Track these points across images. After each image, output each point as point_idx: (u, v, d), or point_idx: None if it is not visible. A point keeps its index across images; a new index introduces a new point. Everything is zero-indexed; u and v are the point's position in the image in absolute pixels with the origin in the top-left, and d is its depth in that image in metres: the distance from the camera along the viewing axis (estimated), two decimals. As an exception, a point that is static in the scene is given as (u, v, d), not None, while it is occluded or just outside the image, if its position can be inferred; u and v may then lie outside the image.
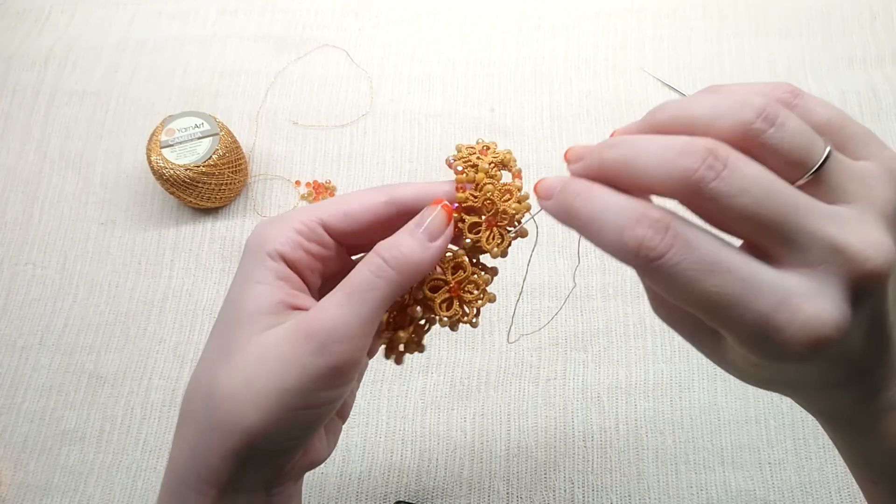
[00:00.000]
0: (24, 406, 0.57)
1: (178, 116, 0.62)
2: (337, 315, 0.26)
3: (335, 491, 0.52)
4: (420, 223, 0.29)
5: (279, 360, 0.26)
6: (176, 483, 0.28)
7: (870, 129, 0.25)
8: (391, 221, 0.30)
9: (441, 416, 0.55)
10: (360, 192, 0.31)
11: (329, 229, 0.30)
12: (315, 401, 0.26)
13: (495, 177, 0.30)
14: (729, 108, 0.23)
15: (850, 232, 0.22)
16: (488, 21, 0.75)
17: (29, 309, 0.61)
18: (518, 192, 0.31)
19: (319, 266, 0.30)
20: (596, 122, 0.68)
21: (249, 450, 0.26)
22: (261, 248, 0.29)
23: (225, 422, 0.26)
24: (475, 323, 0.31)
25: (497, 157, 0.31)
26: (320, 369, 0.26)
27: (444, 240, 0.29)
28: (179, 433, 0.28)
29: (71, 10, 0.79)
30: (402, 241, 0.28)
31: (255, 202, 0.65)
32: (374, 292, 0.27)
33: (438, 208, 0.29)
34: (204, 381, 0.27)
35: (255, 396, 0.25)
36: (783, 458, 0.52)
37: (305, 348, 0.26)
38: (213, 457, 0.26)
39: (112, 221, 0.65)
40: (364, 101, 0.71)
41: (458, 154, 0.31)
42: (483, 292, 0.31)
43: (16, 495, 0.53)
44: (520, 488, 0.52)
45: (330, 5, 0.77)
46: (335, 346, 0.26)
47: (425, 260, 0.28)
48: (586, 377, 0.56)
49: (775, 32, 0.72)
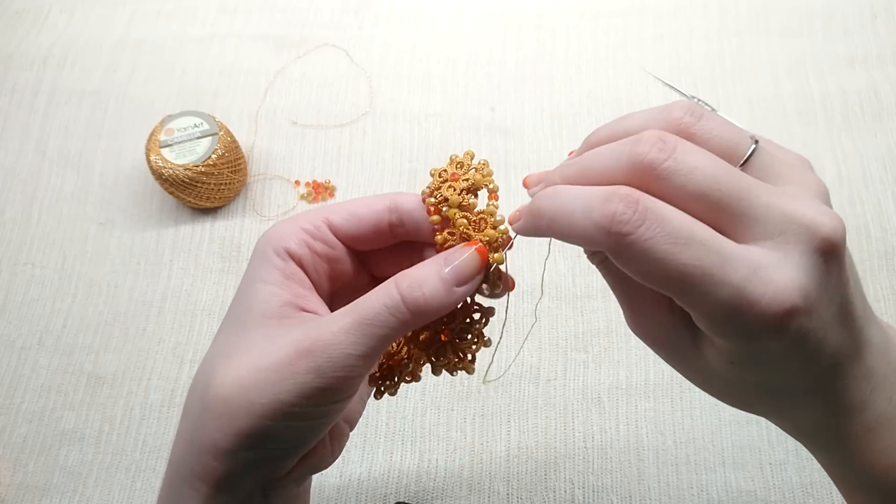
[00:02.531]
0: (23, 406, 0.57)
1: (177, 116, 0.62)
2: (341, 342, 0.25)
3: (335, 492, 0.52)
4: (449, 262, 0.27)
5: (276, 372, 0.25)
6: (173, 476, 0.28)
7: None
8: (393, 228, 0.30)
9: (441, 417, 0.55)
10: (366, 197, 0.31)
11: (335, 229, 0.30)
12: (309, 414, 0.26)
13: (469, 206, 0.29)
14: (660, 111, 0.25)
15: (800, 204, 0.23)
16: (488, 20, 0.75)
17: (28, 309, 0.61)
18: (492, 217, 0.29)
19: (326, 267, 0.30)
20: (596, 121, 0.68)
21: (242, 452, 0.26)
22: (268, 247, 0.29)
23: (218, 423, 0.26)
24: (472, 370, 0.29)
25: (468, 183, 0.29)
26: (314, 389, 0.25)
27: (471, 286, 0.27)
28: (180, 429, 0.28)
29: (70, 10, 0.78)
30: (426, 281, 0.26)
31: (254, 202, 0.65)
32: (383, 329, 0.25)
33: (472, 251, 0.27)
34: (202, 380, 0.27)
35: (248, 403, 0.25)
36: (784, 459, 0.52)
37: (302, 366, 0.25)
38: (205, 455, 0.26)
39: (111, 221, 0.65)
40: (364, 101, 0.70)
41: (431, 184, 0.30)
42: (478, 336, 0.29)
43: (15, 495, 0.53)
44: (520, 489, 0.52)
45: (329, 4, 0.77)
46: (331, 372, 0.25)
47: (447, 306, 0.27)
48: (587, 378, 0.55)
49: (776, 31, 0.72)
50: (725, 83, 0.69)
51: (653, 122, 0.25)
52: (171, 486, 0.28)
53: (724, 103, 0.68)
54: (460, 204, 0.29)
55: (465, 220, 0.28)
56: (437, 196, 0.29)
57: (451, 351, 0.29)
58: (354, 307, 0.26)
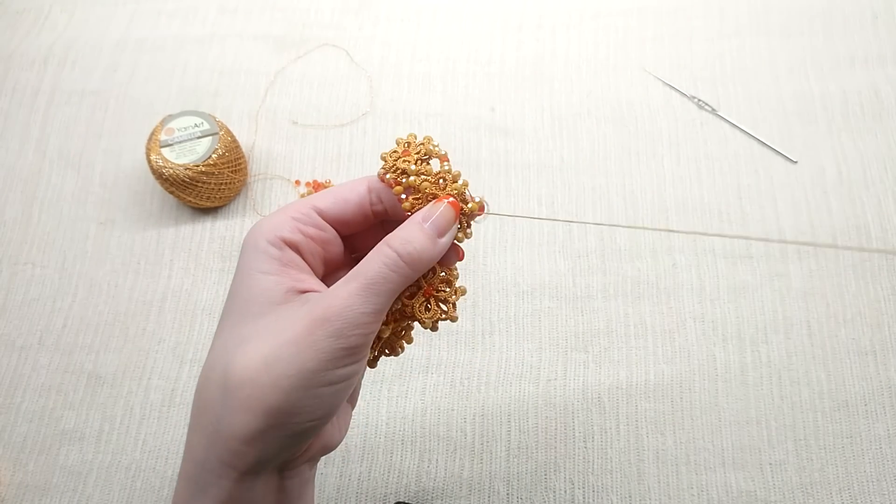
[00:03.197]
0: (23, 406, 0.57)
1: (177, 116, 0.62)
2: (354, 304, 0.27)
3: (335, 492, 0.52)
4: (427, 217, 0.30)
5: (296, 343, 0.27)
6: (196, 471, 0.28)
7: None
8: (374, 208, 0.32)
9: (441, 417, 0.55)
10: (347, 182, 0.33)
11: (323, 214, 0.31)
12: (333, 377, 0.27)
13: (427, 171, 0.31)
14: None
15: None
16: (488, 20, 0.75)
17: (28, 308, 0.61)
18: (450, 174, 0.32)
19: (320, 250, 0.32)
20: (596, 121, 0.68)
21: (273, 430, 0.27)
22: (261, 239, 0.29)
23: (246, 405, 0.26)
24: (455, 317, 0.32)
25: (420, 153, 0.32)
26: (336, 350, 0.27)
27: (449, 236, 0.31)
28: (195, 424, 0.29)
29: (70, 10, 0.78)
30: (413, 237, 0.29)
31: (254, 202, 0.65)
32: (388, 285, 0.28)
33: (445, 205, 0.31)
34: (218, 369, 0.28)
35: (274, 378, 0.26)
36: (784, 459, 0.52)
37: (322, 332, 0.27)
38: (233, 441, 0.27)
39: (111, 221, 0.65)
40: (364, 101, 0.70)
41: (385, 165, 0.32)
42: (455, 289, 0.32)
43: (15, 495, 0.53)
44: (520, 489, 0.52)
45: (330, 4, 0.77)
46: (350, 331, 0.27)
47: (434, 256, 0.30)
48: (587, 378, 0.55)
49: (776, 32, 0.72)
50: (725, 83, 0.69)
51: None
52: (195, 483, 0.28)
53: (724, 103, 0.68)
54: (418, 171, 0.31)
55: (427, 182, 0.31)
56: (395, 171, 0.32)
57: (435, 303, 0.32)
58: (356, 273, 0.28)
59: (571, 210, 0.63)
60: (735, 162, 0.64)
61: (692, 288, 0.59)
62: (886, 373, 0.55)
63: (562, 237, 0.62)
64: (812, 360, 0.56)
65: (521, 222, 0.62)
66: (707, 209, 0.62)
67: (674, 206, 0.63)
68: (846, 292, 0.58)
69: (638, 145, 0.66)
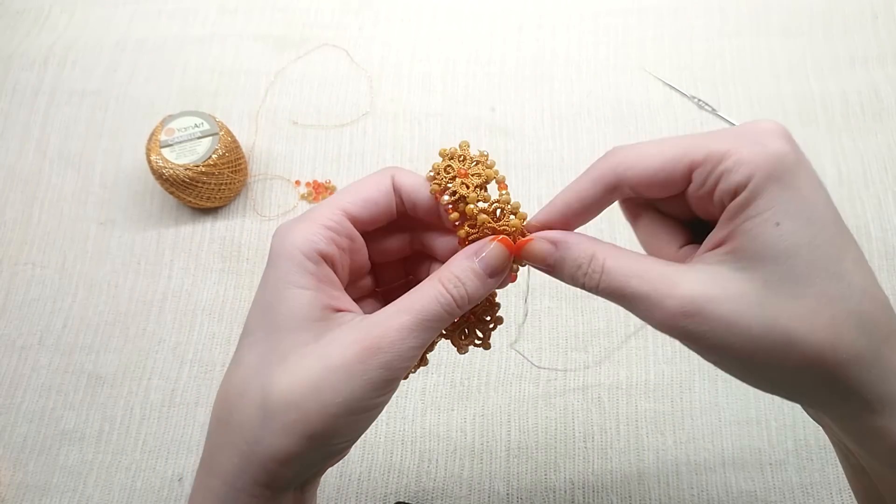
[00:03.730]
0: (23, 406, 0.57)
1: (177, 116, 0.62)
2: (405, 338, 0.28)
3: (335, 491, 0.52)
4: (480, 254, 0.29)
5: (346, 370, 0.27)
6: (225, 490, 0.28)
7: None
8: (399, 206, 0.31)
9: (441, 417, 0.55)
10: (370, 178, 0.31)
11: (353, 220, 0.30)
12: (373, 405, 0.28)
13: (486, 199, 0.30)
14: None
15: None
16: (489, 20, 0.75)
17: (28, 309, 0.61)
18: (508, 205, 0.30)
19: (348, 261, 0.31)
20: (597, 121, 0.68)
21: (310, 453, 0.27)
22: (295, 249, 0.28)
23: (291, 429, 0.26)
24: (489, 346, 0.32)
25: (479, 179, 0.30)
26: (384, 381, 0.27)
27: (500, 277, 0.30)
28: (224, 442, 0.28)
29: (70, 10, 0.78)
30: (466, 278, 0.29)
31: (254, 202, 0.65)
32: (438, 323, 0.28)
33: (499, 245, 0.30)
34: (255, 387, 0.27)
35: (322, 404, 0.26)
36: (784, 459, 0.52)
37: (373, 363, 0.27)
38: (272, 462, 0.27)
39: (111, 221, 0.65)
40: (364, 101, 0.70)
41: (437, 177, 0.30)
42: (494, 318, 0.32)
43: (15, 495, 0.53)
44: (520, 489, 0.52)
45: (330, 4, 0.77)
46: (399, 364, 0.27)
47: (483, 295, 0.30)
48: (587, 378, 0.55)
49: (776, 32, 0.72)
50: (725, 83, 0.69)
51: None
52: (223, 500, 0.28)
53: (724, 103, 0.68)
54: (477, 199, 0.30)
55: (485, 214, 0.30)
56: (450, 193, 0.30)
57: (472, 331, 0.32)
58: (410, 306, 0.28)
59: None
60: (735, 162, 0.64)
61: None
62: (886, 373, 0.55)
63: (562, 237, 0.62)
64: (812, 360, 0.56)
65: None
66: (707, 209, 0.62)
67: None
68: (846, 292, 0.58)
69: (638, 145, 0.66)
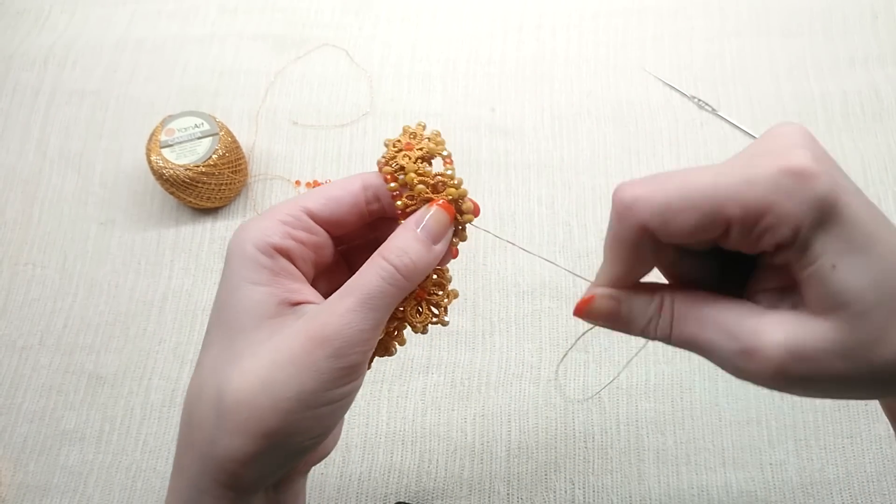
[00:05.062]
0: (23, 406, 0.57)
1: (177, 116, 0.62)
2: (353, 322, 0.26)
3: (335, 492, 0.52)
4: (420, 222, 0.29)
5: (294, 364, 0.26)
6: (189, 492, 0.27)
7: None
8: (369, 206, 0.31)
9: (441, 417, 0.55)
10: (338, 180, 0.31)
11: (314, 216, 0.30)
12: (333, 397, 0.27)
13: (425, 173, 0.30)
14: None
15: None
16: (489, 20, 0.75)
17: (28, 309, 0.61)
18: (451, 179, 0.30)
19: (312, 255, 0.30)
20: (597, 121, 0.68)
21: (270, 451, 0.26)
22: (249, 246, 0.28)
23: (244, 428, 0.26)
24: (446, 322, 0.31)
25: (422, 151, 0.30)
26: (336, 371, 0.26)
27: (445, 242, 0.29)
28: (186, 443, 0.28)
29: (71, 10, 0.78)
30: (409, 247, 0.28)
31: (254, 202, 0.65)
32: (386, 299, 0.27)
33: (437, 208, 0.29)
34: (211, 387, 0.27)
35: (273, 400, 0.25)
36: (784, 459, 0.52)
37: (321, 353, 0.26)
38: (230, 463, 0.26)
39: (112, 221, 0.65)
40: (364, 101, 0.70)
41: (386, 154, 0.31)
42: (447, 292, 0.31)
43: (15, 495, 0.53)
44: (520, 489, 0.52)
45: (330, 4, 0.77)
46: (349, 350, 0.26)
47: (431, 264, 0.29)
48: (587, 378, 0.56)
49: (776, 32, 0.72)
50: (725, 83, 0.69)
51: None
52: (187, 501, 0.27)
53: (724, 103, 0.68)
54: (416, 171, 0.30)
55: (423, 184, 0.30)
56: (392, 164, 0.30)
57: (427, 307, 0.31)
58: (352, 287, 0.27)
59: (571, 210, 0.63)
60: (735, 162, 0.64)
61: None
62: (886, 373, 0.55)
63: (562, 237, 0.62)
64: (812, 360, 0.56)
65: (521, 222, 0.62)
66: (707, 209, 0.62)
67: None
68: (846, 292, 0.58)
69: (638, 145, 0.66)
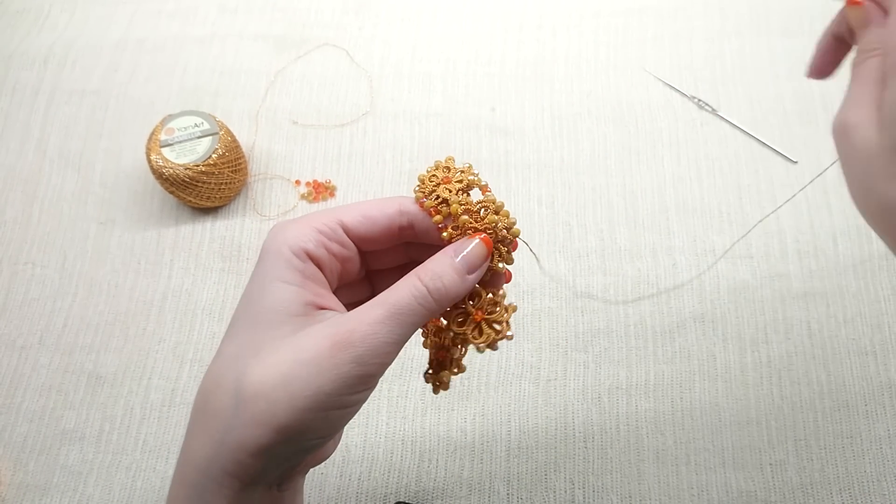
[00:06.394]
0: (23, 406, 0.57)
1: (177, 115, 0.62)
2: (378, 332, 0.27)
3: (335, 491, 0.52)
4: (459, 252, 0.30)
5: (317, 364, 0.27)
6: (197, 477, 0.28)
7: None
8: (402, 230, 0.32)
9: (441, 417, 0.55)
10: (376, 200, 0.32)
11: (348, 231, 0.31)
12: (346, 402, 0.28)
13: (468, 203, 0.31)
14: None
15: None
16: (489, 20, 0.75)
17: (28, 308, 0.61)
18: (493, 203, 0.31)
19: (339, 267, 0.31)
20: (597, 121, 0.68)
21: (280, 447, 0.27)
22: (285, 247, 0.29)
23: (259, 419, 0.26)
24: (510, 336, 0.32)
25: (461, 183, 0.32)
26: (355, 377, 0.27)
27: (479, 274, 0.31)
28: (199, 430, 0.28)
29: (70, 10, 0.78)
30: (444, 273, 0.29)
31: (254, 202, 0.65)
32: (414, 317, 0.28)
33: (477, 241, 0.30)
34: (230, 377, 0.28)
35: (290, 396, 0.26)
36: (784, 459, 0.52)
37: (344, 356, 0.27)
38: (241, 452, 0.27)
39: (111, 221, 0.65)
40: (364, 101, 0.70)
41: (422, 186, 0.32)
42: (505, 307, 0.32)
43: (15, 495, 0.53)
44: (520, 489, 0.52)
45: (330, 4, 0.77)
46: (371, 359, 0.27)
47: (461, 293, 0.30)
48: (587, 378, 0.56)
49: (776, 31, 0.72)
50: (725, 83, 0.69)
51: None
52: (193, 487, 0.28)
53: (724, 103, 0.68)
54: (459, 202, 0.31)
55: (468, 214, 0.31)
56: (433, 198, 0.31)
57: (487, 326, 0.32)
58: (384, 300, 0.28)
59: (571, 210, 0.63)
60: (735, 162, 0.64)
61: (692, 288, 0.59)
62: (886, 373, 0.55)
63: (562, 237, 0.62)
64: (812, 361, 0.56)
65: (521, 222, 0.62)
66: (707, 209, 0.62)
67: (674, 206, 0.63)
68: (846, 292, 0.58)
69: (638, 145, 0.66)
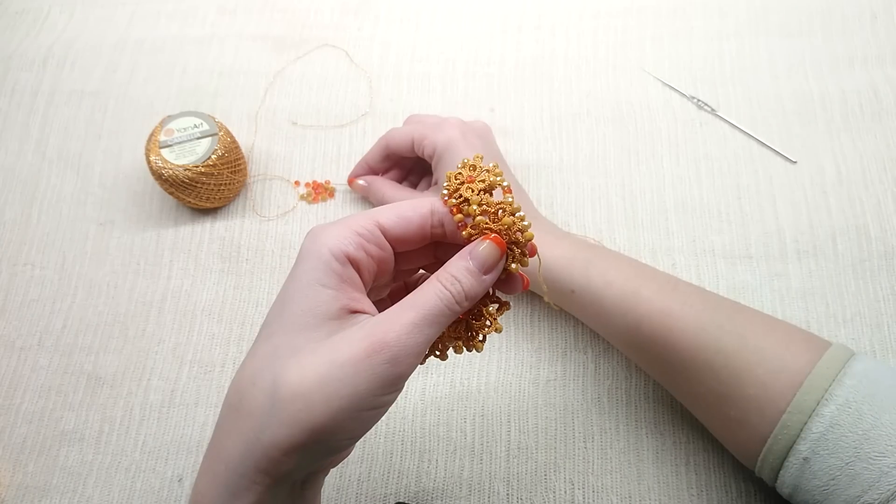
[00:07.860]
0: (22, 407, 0.57)
1: (176, 116, 0.62)
2: (412, 334, 0.29)
3: (334, 492, 0.52)
4: (472, 254, 0.31)
5: (353, 366, 0.28)
6: (228, 475, 0.29)
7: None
8: (433, 230, 0.33)
9: (441, 417, 0.55)
10: (409, 200, 0.33)
11: (385, 232, 0.32)
12: (378, 403, 0.29)
13: (487, 203, 0.32)
14: None
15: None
16: (488, 21, 0.75)
17: (27, 309, 0.61)
18: (510, 205, 0.32)
19: (375, 268, 0.32)
20: (596, 121, 0.68)
21: (313, 446, 0.28)
22: (325, 250, 0.30)
23: (294, 418, 0.27)
24: (480, 347, 0.33)
25: (483, 183, 0.33)
26: (390, 377, 0.28)
27: (495, 273, 0.32)
28: (232, 428, 0.29)
29: (70, 10, 0.78)
30: (461, 276, 0.31)
31: (254, 202, 0.65)
32: (440, 318, 0.30)
33: (489, 243, 0.31)
34: (267, 377, 0.28)
35: (327, 397, 0.27)
36: (784, 459, 0.52)
37: (380, 358, 0.28)
38: (276, 450, 0.28)
39: (111, 222, 0.65)
40: (363, 101, 0.70)
41: (449, 186, 0.33)
42: (493, 321, 0.33)
43: (15, 496, 0.53)
44: (520, 489, 0.52)
45: (329, 5, 0.77)
46: (405, 359, 0.29)
47: (480, 292, 0.31)
48: (587, 378, 0.56)
49: (776, 32, 0.72)
50: (725, 83, 0.69)
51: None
52: (224, 483, 0.29)
53: (723, 103, 0.68)
54: (479, 202, 0.32)
55: (484, 214, 0.32)
56: (457, 197, 0.32)
57: (464, 329, 0.33)
58: (412, 303, 0.30)
59: (570, 210, 0.63)
60: (734, 162, 0.64)
61: (692, 288, 0.59)
62: (886, 373, 0.55)
63: (561, 237, 0.62)
64: (812, 360, 0.56)
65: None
66: (706, 209, 0.62)
67: (673, 206, 0.63)
68: (846, 292, 0.58)
69: (637, 145, 0.66)
